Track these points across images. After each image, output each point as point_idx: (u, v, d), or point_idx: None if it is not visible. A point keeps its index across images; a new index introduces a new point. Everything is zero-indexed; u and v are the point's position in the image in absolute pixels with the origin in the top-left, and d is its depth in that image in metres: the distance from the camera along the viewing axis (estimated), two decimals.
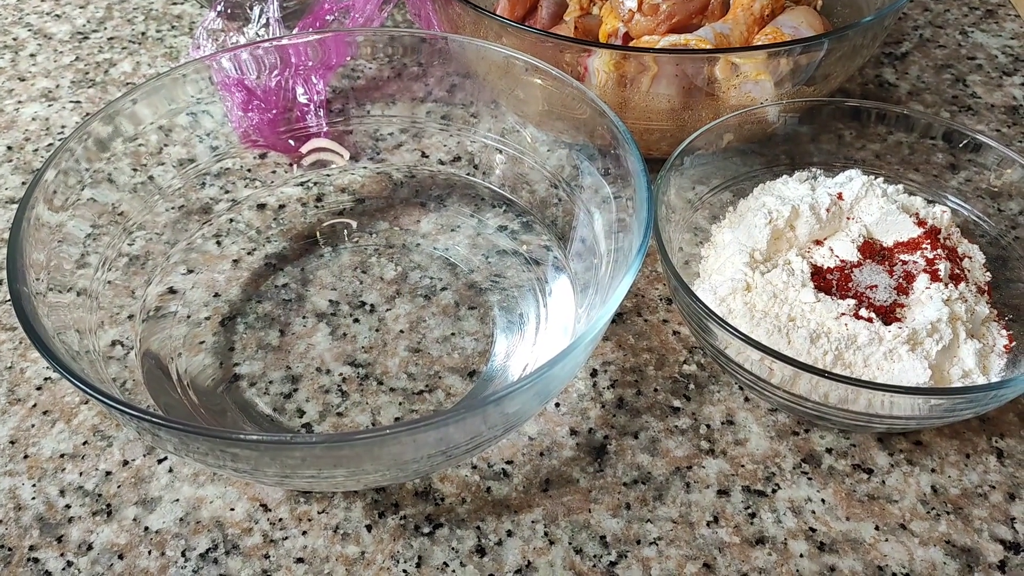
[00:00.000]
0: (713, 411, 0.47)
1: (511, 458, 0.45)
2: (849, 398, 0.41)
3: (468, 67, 0.56)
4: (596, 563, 0.41)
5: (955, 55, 0.72)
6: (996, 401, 0.41)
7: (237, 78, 0.54)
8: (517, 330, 0.50)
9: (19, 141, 0.64)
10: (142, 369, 0.46)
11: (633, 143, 0.44)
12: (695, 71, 0.52)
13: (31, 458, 0.45)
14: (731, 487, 0.44)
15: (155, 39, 0.75)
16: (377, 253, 0.55)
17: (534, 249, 0.54)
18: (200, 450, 0.36)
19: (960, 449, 0.45)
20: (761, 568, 0.41)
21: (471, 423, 0.36)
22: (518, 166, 0.55)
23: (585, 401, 0.47)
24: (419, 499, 0.43)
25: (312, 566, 0.41)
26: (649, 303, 0.52)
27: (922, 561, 0.41)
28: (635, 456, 0.45)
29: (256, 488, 0.44)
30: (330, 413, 0.47)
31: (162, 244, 0.52)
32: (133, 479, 0.44)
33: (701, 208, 0.53)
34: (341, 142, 0.59)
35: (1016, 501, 0.43)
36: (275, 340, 0.50)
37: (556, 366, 0.35)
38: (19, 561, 0.41)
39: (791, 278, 0.46)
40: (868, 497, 0.43)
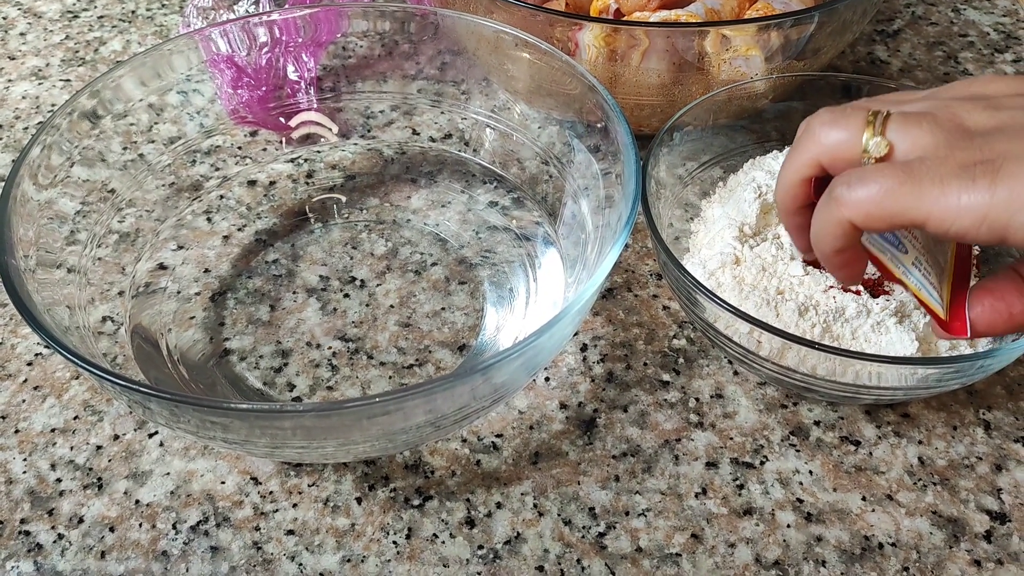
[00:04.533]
0: (702, 385, 0.47)
1: (501, 431, 0.45)
2: (837, 370, 0.41)
3: (459, 43, 0.56)
4: (585, 534, 0.41)
5: (947, 32, 0.72)
6: (983, 372, 0.41)
7: (227, 55, 0.54)
8: (507, 304, 0.50)
9: (9, 119, 0.64)
10: (132, 344, 0.46)
11: (622, 117, 0.44)
12: (685, 45, 0.52)
13: (22, 433, 0.45)
14: (719, 459, 0.44)
15: (145, 17, 0.75)
16: (367, 229, 0.55)
17: (524, 225, 0.54)
18: (191, 421, 0.36)
19: (947, 421, 0.46)
20: (749, 538, 0.41)
21: (459, 392, 0.36)
22: (508, 142, 0.55)
23: (575, 375, 0.48)
24: (409, 472, 0.44)
25: (303, 538, 0.41)
26: (639, 278, 0.53)
27: (908, 531, 0.41)
28: (624, 429, 0.45)
29: (247, 461, 0.44)
30: (320, 387, 0.47)
31: (152, 221, 0.52)
32: (124, 453, 0.44)
33: (691, 184, 0.53)
34: (332, 119, 0.58)
35: (1002, 472, 0.43)
36: (265, 315, 0.50)
37: (543, 336, 0.35)
38: (10, 534, 0.41)
39: (780, 252, 0.46)
40: (855, 468, 0.44)
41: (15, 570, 0.40)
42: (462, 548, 0.41)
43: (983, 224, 0.31)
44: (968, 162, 0.31)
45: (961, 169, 0.31)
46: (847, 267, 0.36)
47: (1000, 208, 0.31)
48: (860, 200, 0.33)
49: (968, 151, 0.32)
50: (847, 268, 0.37)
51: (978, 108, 0.33)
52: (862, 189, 0.33)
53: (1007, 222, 0.31)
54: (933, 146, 0.32)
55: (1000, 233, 0.31)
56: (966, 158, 0.31)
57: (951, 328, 0.37)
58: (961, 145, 0.32)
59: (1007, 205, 0.30)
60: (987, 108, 0.33)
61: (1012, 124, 0.32)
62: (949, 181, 0.31)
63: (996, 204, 0.31)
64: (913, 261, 0.36)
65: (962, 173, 0.31)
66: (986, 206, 0.31)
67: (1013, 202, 0.30)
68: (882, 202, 0.32)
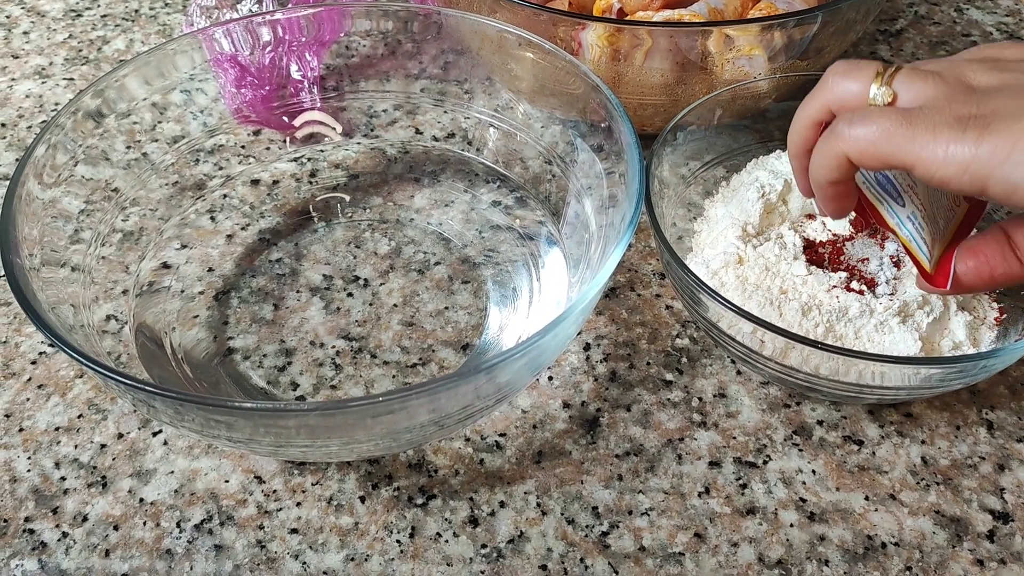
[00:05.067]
0: (705, 384, 0.47)
1: (504, 430, 0.45)
2: (840, 370, 0.41)
3: (462, 42, 0.56)
4: (588, 533, 0.41)
5: (950, 32, 0.72)
6: (986, 372, 0.41)
7: (230, 55, 0.54)
8: (510, 304, 0.50)
9: (13, 118, 0.64)
10: (136, 343, 0.46)
11: (626, 116, 0.44)
12: (689, 45, 0.52)
13: (26, 431, 0.46)
14: (722, 459, 0.44)
15: (148, 16, 0.75)
16: (371, 228, 0.55)
17: (527, 224, 0.54)
18: (195, 420, 0.36)
19: (950, 421, 0.46)
20: (752, 538, 0.41)
21: (463, 392, 0.36)
22: (512, 142, 0.55)
23: (578, 374, 0.48)
24: (412, 471, 0.44)
25: (306, 537, 0.41)
26: (642, 278, 0.53)
27: (911, 531, 0.41)
28: (627, 428, 0.45)
29: (250, 460, 0.44)
30: (324, 386, 0.47)
31: (156, 220, 0.52)
32: (128, 451, 0.45)
33: (694, 183, 0.54)
34: (335, 118, 0.59)
35: (1005, 472, 0.44)
36: (269, 314, 0.50)
37: (547, 335, 0.35)
38: (15, 532, 0.42)
39: (783, 251, 0.46)
40: (858, 468, 0.44)
41: (19, 568, 0.40)
42: (465, 547, 0.41)
43: (965, 174, 0.32)
44: (963, 115, 0.33)
45: (955, 120, 0.33)
46: (837, 200, 0.39)
47: (983, 161, 0.32)
48: (858, 137, 0.34)
49: (965, 105, 0.33)
50: (836, 201, 0.39)
51: (984, 68, 0.35)
52: (861, 128, 0.34)
53: (988, 175, 0.32)
54: (933, 97, 0.34)
55: (981, 184, 0.32)
56: (962, 111, 0.33)
57: (934, 281, 0.38)
58: (960, 99, 0.33)
59: (989, 159, 0.32)
60: (993, 69, 0.35)
61: (1013, 84, 0.34)
62: (941, 130, 0.33)
63: (980, 157, 0.32)
64: (908, 215, 0.38)
65: (955, 124, 0.33)
66: (970, 158, 0.32)
67: (995, 156, 0.32)
68: (877, 141, 0.34)
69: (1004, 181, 0.32)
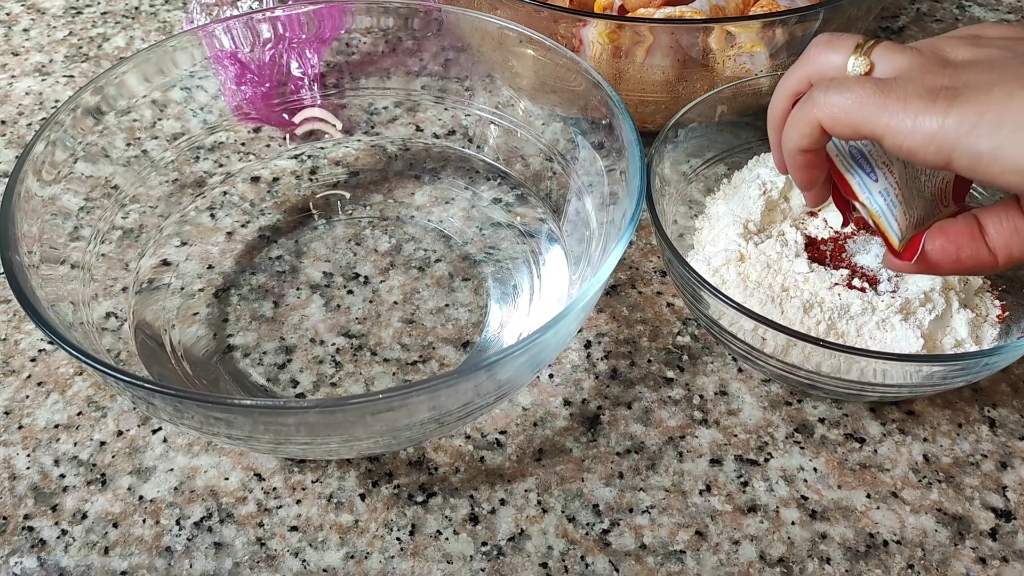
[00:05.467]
0: (706, 382, 0.47)
1: (504, 428, 0.45)
2: (842, 367, 0.41)
3: (462, 39, 0.56)
4: (589, 531, 0.41)
5: (951, 28, 0.72)
6: (988, 369, 0.41)
7: (230, 51, 0.54)
8: (511, 301, 0.50)
9: (12, 115, 0.64)
10: (136, 340, 0.46)
11: (627, 113, 0.44)
12: (690, 42, 0.52)
13: (25, 428, 0.45)
14: (724, 456, 0.44)
15: (148, 13, 0.74)
16: (371, 225, 0.55)
17: (528, 221, 0.54)
18: (194, 417, 0.36)
19: (952, 419, 0.45)
20: (753, 535, 0.41)
21: (463, 389, 0.36)
22: (512, 139, 0.55)
23: (579, 372, 0.47)
24: (413, 468, 0.44)
25: (306, 534, 0.41)
26: (643, 275, 0.52)
27: (913, 529, 0.41)
28: (628, 426, 0.45)
29: (250, 458, 0.44)
30: (324, 383, 0.47)
31: (155, 217, 0.52)
32: (127, 449, 0.44)
33: (695, 181, 0.53)
34: (336, 115, 0.58)
35: (1008, 470, 0.43)
36: (269, 311, 0.50)
37: (547, 333, 0.35)
38: (14, 530, 0.41)
39: (785, 249, 0.46)
40: (860, 466, 0.44)
41: (18, 566, 0.40)
42: (466, 545, 0.41)
43: (931, 144, 0.32)
44: (935, 86, 0.33)
45: (926, 91, 0.33)
46: (807, 169, 0.38)
47: (948, 132, 0.32)
48: (831, 104, 0.35)
49: (938, 77, 0.33)
50: (806, 170, 0.39)
51: (963, 44, 0.35)
52: (836, 95, 0.35)
53: (952, 146, 0.32)
54: (908, 69, 0.34)
55: (947, 155, 0.32)
56: (934, 83, 0.33)
57: (901, 256, 0.38)
58: (934, 71, 0.34)
59: (955, 130, 0.32)
60: (972, 45, 0.35)
61: (987, 59, 0.34)
62: (912, 100, 0.33)
63: (945, 127, 0.32)
64: (881, 191, 0.38)
65: (926, 95, 0.33)
66: (937, 128, 0.32)
67: (961, 127, 0.32)
68: (849, 109, 0.34)
69: (969, 152, 0.32)
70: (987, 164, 0.32)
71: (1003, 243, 0.36)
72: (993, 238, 0.36)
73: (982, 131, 0.31)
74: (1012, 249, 0.36)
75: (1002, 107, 0.31)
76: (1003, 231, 0.36)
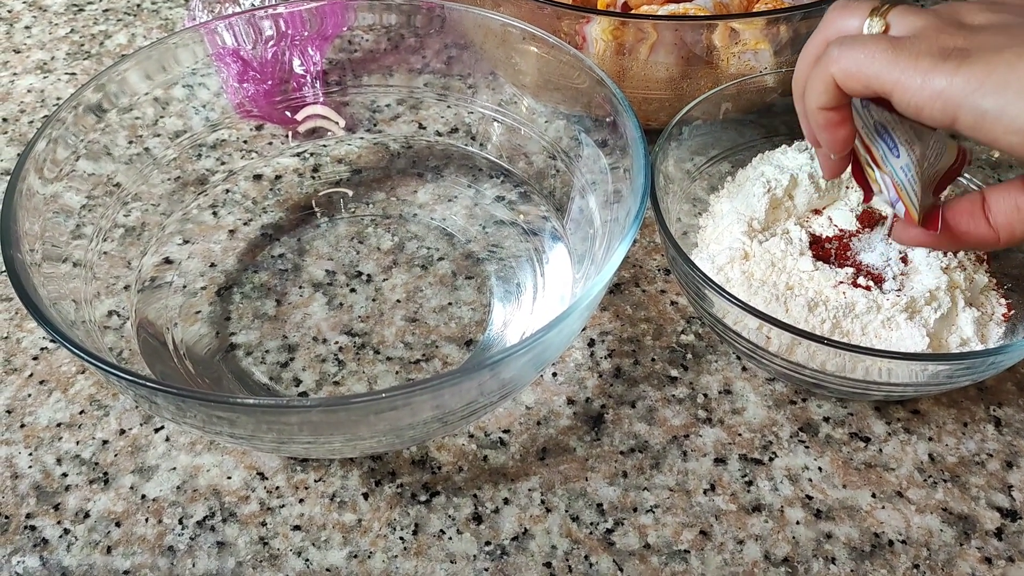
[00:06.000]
0: (710, 380, 0.47)
1: (508, 427, 0.45)
2: (847, 366, 0.41)
3: (465, 37, 0.56)
4: (593, 530, 0.41)
5: None
6: (994, 368, 0.40)
7: (233, 49, 0.54)
8: (514, 299, 0.50)
9: (14, 113, 0.64)
10: (138, 339, 0.46)
11: (631, 110, 0.44)
12: (694, 39, 0.52)
13: (28, 427, 0.45)
14: (728, 455, 0.44)
15: (150, 11, 0.74)
16: (374, 223, 0.54)
17: (531, 219, 0.53)
18: (197, 416, 0.36)
19: (958, 418, 0.45)
20: (758, 535, 0.41)
21: (466, 388, 0.36)
22: (516, 137, 0.55)
23: (582, 371, 0.47)
24: (416, 467, 0.43)
25: (309, 533, 0.41)
26: (647, 274, 0.52)
27: (919, 528, 0.41)
28: (632, 425, 0.45)
29: (253, 456, 0.44)
30: (327, 382, 0.46)
31: (158, 215, 0.52)
32: (130, 448, 0.44)
33: (699, 179, 0.53)
34: (338, 113, 0.58)
35: (1013, 469, 0.43)
36: (271, 310, 0.50)
37: (551, 332, 0.35)
38: (16, 529, 0.41)
39: (789, 247, 0.46)
40: (865, 465, 0.43)
41: (21, 565, 0.40)
42: (469, 544, 0.41)
43: (938, 100, 0.33)
44: (947, 46, 0.33)
45: (939, 50, 0.33)
46: (830, 129, 0.38)
47: (955, 91, 0.32)
48: (845, 59, 0.35)
49: (952, 38, 0.33)
50: (830, 130, 0.38)
51: (980, 8, 0.35)
52: (849, 50, 0.35)
53: (958, 104, 0.32)
54: (923, 28, 0.35)
55: (951, 114, 0.33)
56: (947, 43, 0.33)
57: (925, 225, 0.39)
58: (949, 32, 0.34)
59: (962, 89, 0.32)
60: (988, 10, 0.35)
61: (1001, 23, 0.34)
62: (923, 58, 0.33)
63: (953, 86, 0.32)
64: (903, 167, 0.38)
65: (937, 54, 0.33)
66: (944, 87, 0.33)
67: (968, 85, 0.32)
68: (862, 64, 0.34)
69: (974, 110, 0.32)
70: (991, 123, 0.32)
71: (1005, 220, 0.37)
72: (996, 215, 0.37)
73: (988, 90, 0.32)
74: (1013, 226, 0.37)
75: (1009, 68, 0.32)
76: (1006, 208, 0.37)
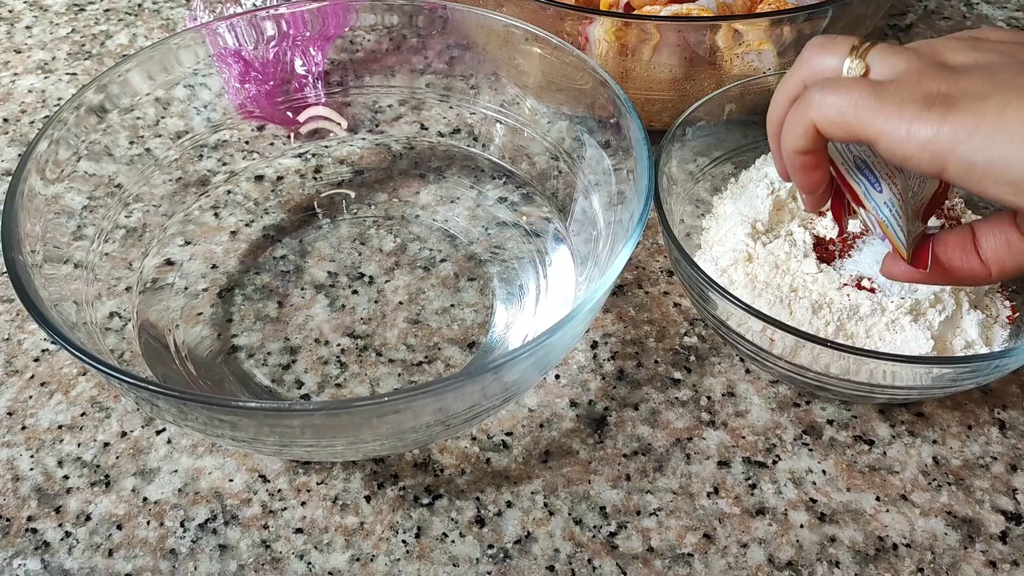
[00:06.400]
0: (714, 383, 0.47)
1: (511, 429, 0.45)
2: (851, 368, 0.40)
3: (468, 37, 0.55)
4: (596, 533, 0.41)
5: (960, 27, 0.71)
6: (998, 371, 0.40)
7: (234, 49, 0.54)
8: (517, 301, 0.49)
9: (15, 113, 0.64)
10: (140, 340, 0.46)
11: (634, 112, 0.44)
12: (697, 40, 0.52)
13: (29, 429, 0.45)
14: (731, 458, 0.44)
15: (151, 11, 0.74)
16: (376, 225, 0.54)
17: (534, 221, 0.53)
18: (199, 419, 0.36)
19: (962, 420, 0.45)
20: (761, 538, 0.41)
21: (470, 391, 0.36)
22: (518, 138, 0.55)
23: (585, 373, 0.47)
24: (418, 470, 0.43)
25: (311, 536, 0.41)
26: (650, 275, 0.52)
27: (923, 532, 0.41)
28: (635, 428, 0.45)
29: (255, 459, 0.44)
30: (329, 384, 0.46)
31: (159, 216, 0.51)
32: (131, 450, 0.44)
33: (702, 180, 0.53)
34: (340, 114, 0.58)
35: (1018, 472, 0.43)
36: (273, 311, 0.50)
37: (555, 335, 0.35)
38: (17, 531, 0.41)
39: (793, 249, 0.46)
40: (869, 468, 0.43)
41: (22, 568, 0.40)
42: (472, 547, 0.41)
43: (925, 152, 0.32)
44: (932, 92, 0.32)
45: (923, 97, 0.32)
46: (806, 171, 0.38)
47: (943, 142, 0.31)
48: (827, 105, 0.34)
49: (935, 82, 0.32)
50: (806, 173, 0.38)
51: (962, 47, 0.34)
52: (831, 95, 0.34)
53: (946, 155, 0.31)
54: (905, 72, 0.34)
55: (939, 164, 0.32)
56: (931, 88, 0.32)
57: (914, 263, 0.38)
58: (931, 75, 0.33)
59: (950, 139, 0.31)
60: (971, 49, 0.34)
61: (985, 64, 0.33)
62: (908, 105, 0.32)
63: (940, 136, 0.31)
64: (886, 201, 0.38)
65: (922, 100, 0.32)
66: (932, 136, 0.32)
67: (955, 137, 0.31)
68: (844, 111, 0.33)
69: (963, 162, 0.31)
70: (980, 175, 0.31)
71: (995, 256, 0.36)
72: (986, 250, 0.36)
73: (977, 142, 0.31)
74: (1004, 262, 0.36)
75: (997, 117, 0.31)
76: (996, 243, 0.36)
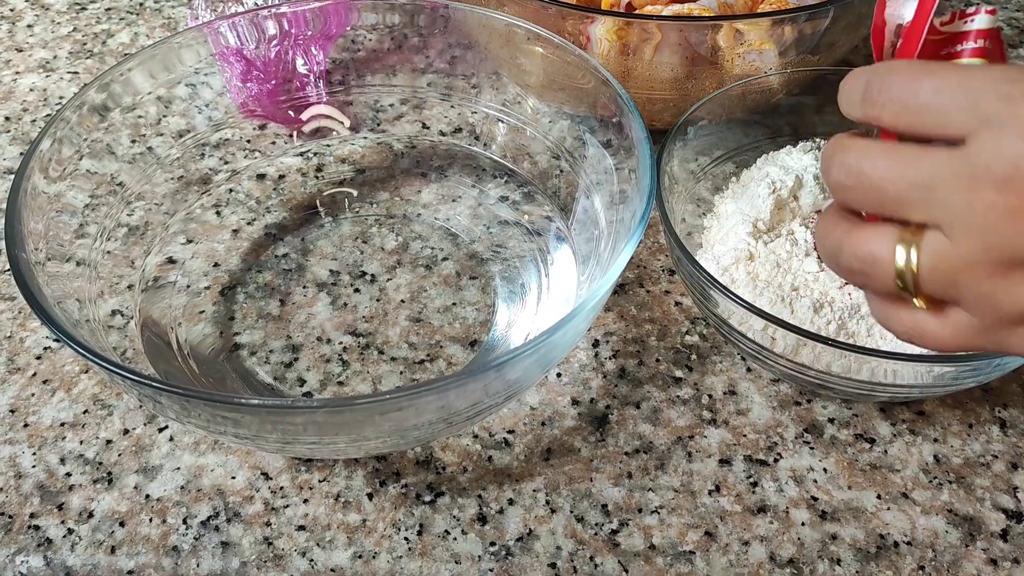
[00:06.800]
0: (715, 381, 0.47)
1: (512, 427, 0.45)
2: (852, 367, 0.41)
3: (469, 36, 0.55)
4: (597, 531, 0.41)
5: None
6: (999, 370, 0.40)
7: (236, 48, 0.54)
8: (518, 300, 0.49)
9: (17, 112, 0.64)
10: (142, 338, 0.46)
11: (636, 111, 0.44)
12: (699, 39, 0.52)
13: (31, 427, 0.45)
14: (733, 456, 0.44)
15: (153, 10, 0.74)
16: (378, 223, 0.54)
17: (536, 219, 0.53)
18: (201, 416, 0.36)
19: (963, 419, 0.45)
20: (763, 536, 0.41)
21: (472, 389, 0.36)
22: (520, 137, 0.55)
23: (587, 371, 0.47)
24: (420, 468, 0.43)
25: (313, 534, 0.41)
26: (651, 274, 0.52)
27: (924, 530, 0.41)
28: (637, 426, 0.45)
29: (257, 456, 0.44)
30: (331, 382, 0.46)
31: (161, 214, 0.52)
32: (134, 447, 0.44)
33: (704, 179, 0.53)
34: (342, 113, 0.58)
35: (1018, 470, 0.43)
36: (275, 310, 0.50)
37: (556, 333, 0.35)
38: (20, 528, 0.41)
39: (794, 248, 0.46)
40: (870, 466, 0.43)
41: (25, 564, 0.40)
42: (474, 545, 0.41)
43: None
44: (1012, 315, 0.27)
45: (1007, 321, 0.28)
46: None
47: None
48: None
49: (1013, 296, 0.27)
50: None
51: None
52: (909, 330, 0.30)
53: None
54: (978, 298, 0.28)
55: None
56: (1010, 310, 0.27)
57: None
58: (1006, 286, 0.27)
59: None
60: None
61: None
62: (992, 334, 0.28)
63: None
64: None
65: (1006, 325, 0.28)
66: None
67: None
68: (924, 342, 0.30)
69: None
70: None
71: None
72: None
73: None
74: None
75: None
76: None
